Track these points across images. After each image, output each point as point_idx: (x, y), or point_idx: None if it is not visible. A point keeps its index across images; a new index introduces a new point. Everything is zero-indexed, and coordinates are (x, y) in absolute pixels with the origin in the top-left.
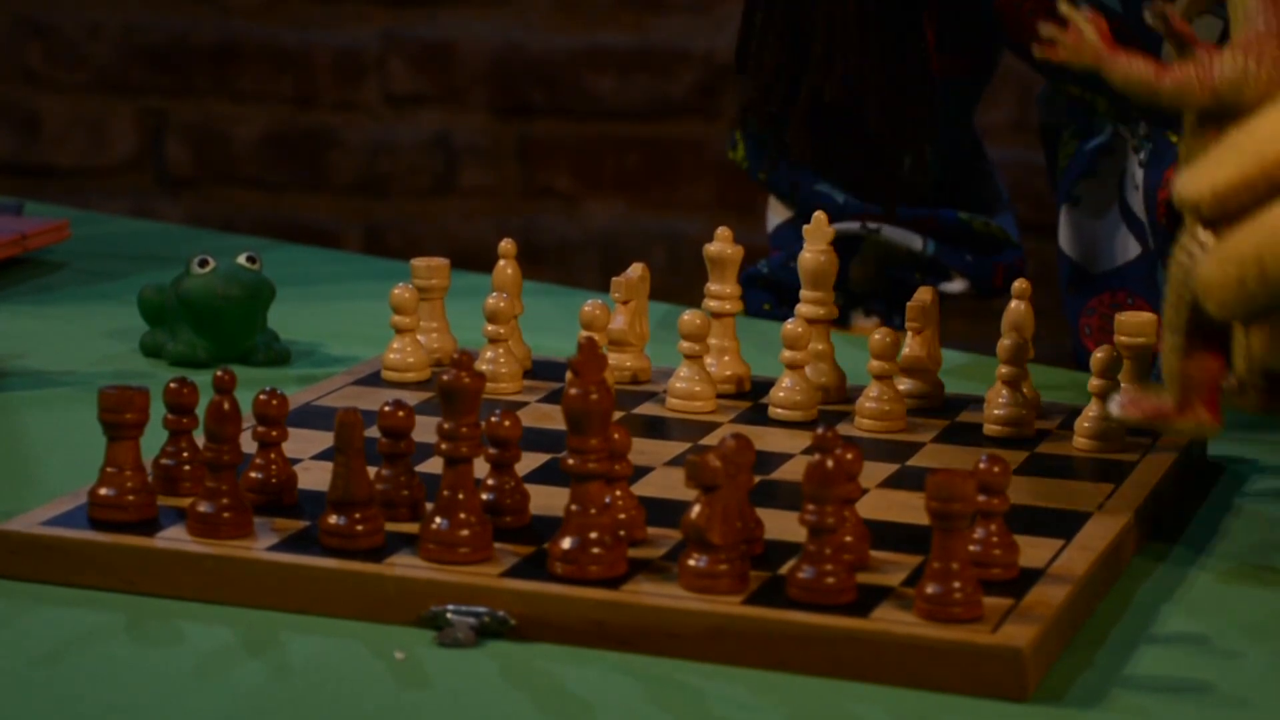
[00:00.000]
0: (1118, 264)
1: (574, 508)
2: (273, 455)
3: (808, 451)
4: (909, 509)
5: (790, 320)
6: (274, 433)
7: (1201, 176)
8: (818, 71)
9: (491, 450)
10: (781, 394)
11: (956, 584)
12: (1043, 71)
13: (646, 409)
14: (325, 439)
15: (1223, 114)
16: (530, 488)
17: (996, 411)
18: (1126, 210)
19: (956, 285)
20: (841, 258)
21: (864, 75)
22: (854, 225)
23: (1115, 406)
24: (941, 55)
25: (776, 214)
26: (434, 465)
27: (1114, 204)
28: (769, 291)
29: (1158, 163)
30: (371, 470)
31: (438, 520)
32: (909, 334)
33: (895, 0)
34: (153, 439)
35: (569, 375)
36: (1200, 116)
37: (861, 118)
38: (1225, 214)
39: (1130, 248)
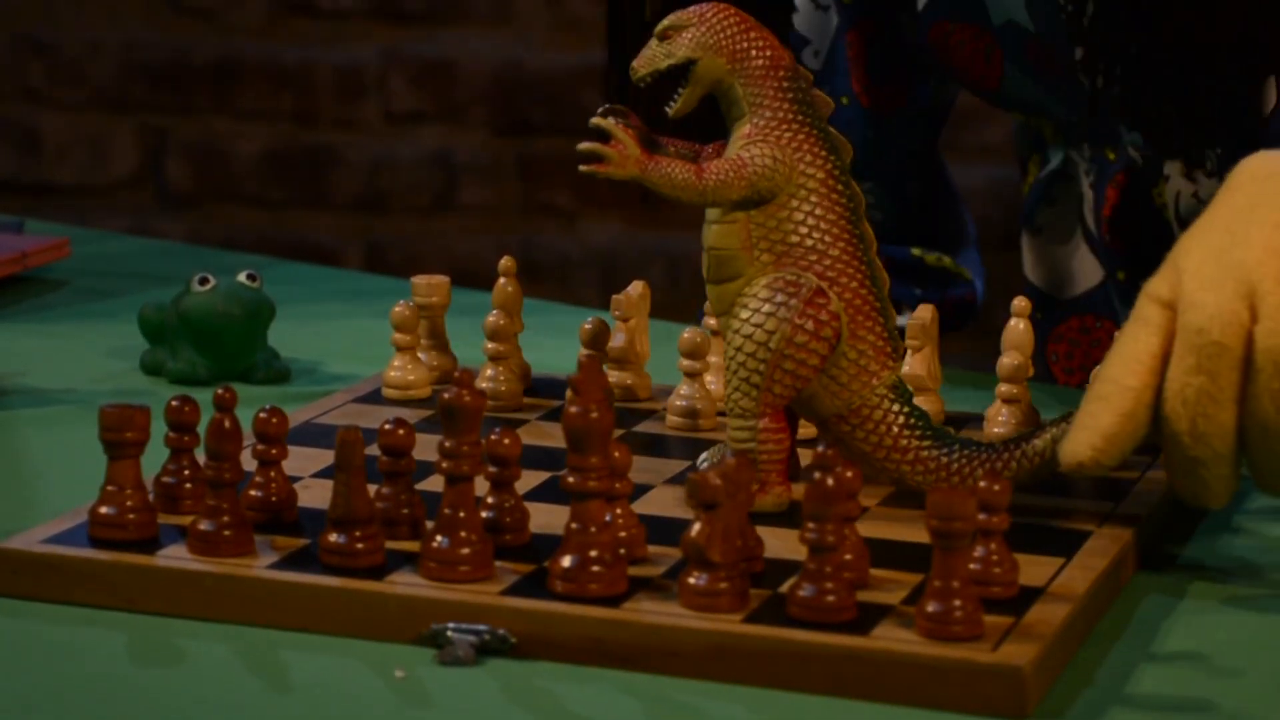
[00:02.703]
0: (1084, 289)
1: (574, 526)
2: (273, 473)
3: (807, 469)
4: (910, 527)
5: None
6: (274, 451)
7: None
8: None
9: (491, 468)
10: None
11: (957, 602)
12: (986, 99)
13: (647, 427)
14: (326, 457)
15: (758, 201)
16: (530, 506)
17: (997, 429)
18: (1088, 234)
19: (904, 318)
20: None
21: None
22: None
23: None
24: (877, 89)
25: None
26: (434, 483)
27: (1075, 229)
28: None
29: (1100, 182)
30: (372, 488)
31: (438, 538)
32: (909, 352)
33: (760, 2)
34: (153, 457)
35: (569, 393)
36: (736, 204)
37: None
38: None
39: (1094, 272)
